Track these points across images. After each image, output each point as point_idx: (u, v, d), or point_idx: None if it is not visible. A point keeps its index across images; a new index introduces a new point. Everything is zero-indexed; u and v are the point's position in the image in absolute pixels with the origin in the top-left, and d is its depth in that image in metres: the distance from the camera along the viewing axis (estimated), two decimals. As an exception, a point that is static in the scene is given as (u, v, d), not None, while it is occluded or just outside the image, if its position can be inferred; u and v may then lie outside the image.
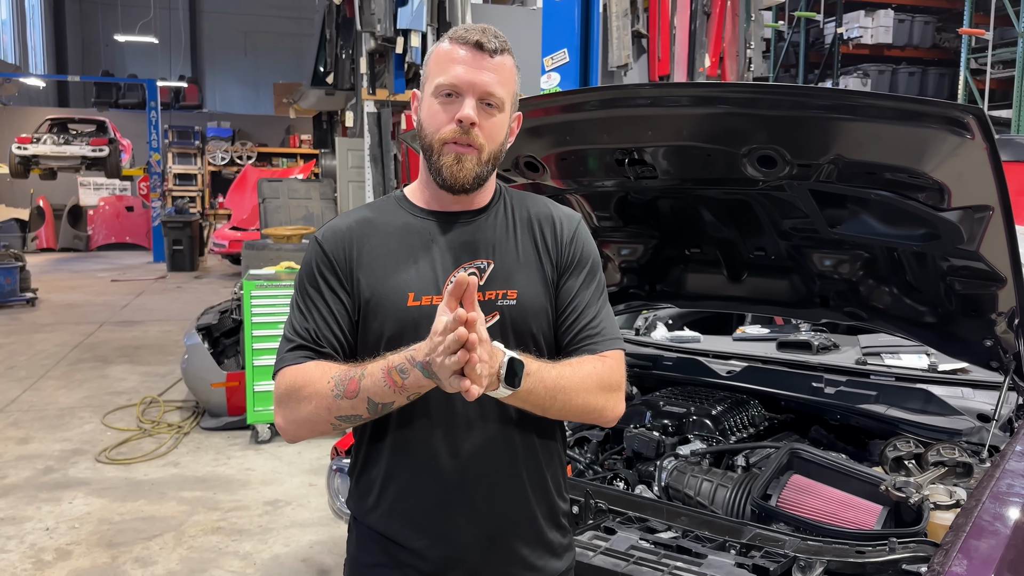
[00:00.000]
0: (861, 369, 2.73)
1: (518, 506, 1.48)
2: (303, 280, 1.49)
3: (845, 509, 1.98)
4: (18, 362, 7.67)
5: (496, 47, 1.41)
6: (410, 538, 1.45)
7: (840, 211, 2.17)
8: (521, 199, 1.57)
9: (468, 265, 1.45)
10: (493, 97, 1.40)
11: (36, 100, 22.67)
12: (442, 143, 1.41)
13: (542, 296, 1.48)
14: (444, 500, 1.44)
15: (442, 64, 1.41)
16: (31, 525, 4.12)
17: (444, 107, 1.41)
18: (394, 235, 1.48)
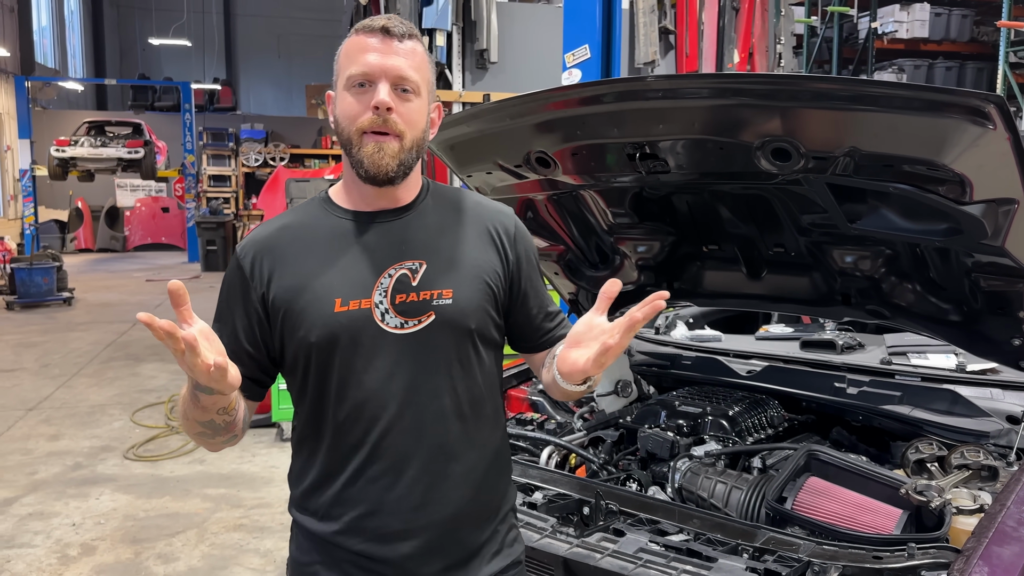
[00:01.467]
0: (886, 369, 2.65)
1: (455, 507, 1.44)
2: (220, 296, 1.47)
3: (863, 513, 1.92)
4: (53, 360, 7.82)
5: (404, 32, 1.39)
6: (351, 541, 1.42)
7: (859, 206, 2.10)
8: (449, 194, 1.56)
9: (399, 266, 1.42)
10: (407, 81, 1.37)
11: (75, 103, 23.11)
12: (360, 133, 1.37)
13: (480, 293, 1.45)
14: (377, 504, 1.41)
15: (351, 56, 1.38)
16: (58, 520, 4.18)
17: (358, 97, 1.37)
18: (318, 239, 1.44)
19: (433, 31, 7.10)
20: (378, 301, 1.36)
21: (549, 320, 1.58)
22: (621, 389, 2.76)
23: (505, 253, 1.50)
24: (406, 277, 1.40)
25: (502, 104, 2.31)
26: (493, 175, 2.58)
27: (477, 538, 1.48)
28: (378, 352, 1.39)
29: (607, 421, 2.63)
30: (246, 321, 1.43)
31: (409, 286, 1.40)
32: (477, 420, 1.47)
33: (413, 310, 1.39)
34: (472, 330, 1.44)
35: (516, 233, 1.54)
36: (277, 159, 20.23)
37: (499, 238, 1.50)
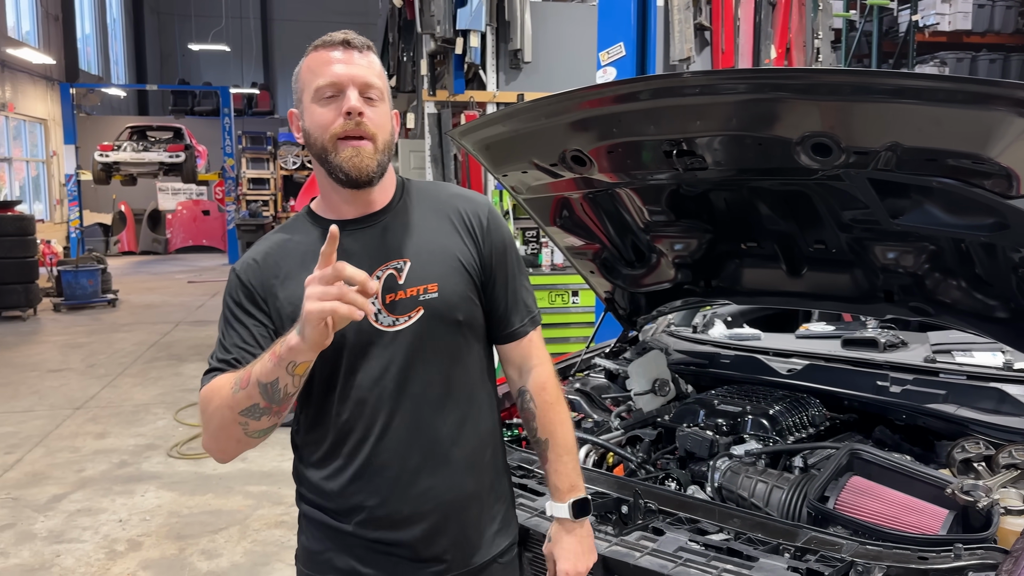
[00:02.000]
0: (930, 367, 2.60)
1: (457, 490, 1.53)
2: (223, 311, 1.51)
3: (908, 513, 1.89)
4: (98, 360, 7.99)
5: (362, 44, 1.48)
6: (362, 529, 1.49)
7: (902, 201, 2.06)
8: (425, 189, 1.62)
9: (385, 267, 1.48)
10: (372, 88, 1.45)
11: (117, 109, 23.62)
12: (335, 140, 1.43)
13: (463, 284, 1.52)
14: (385, 492, 1.48)
15: (316, 70, 1.45)
16: (105, 516, 4.28)
17: (328, 107, 1.43)
18: (308, 251, 1.47)
19: (467, 32, 7.14)
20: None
21: (516, 315, 1.62)
22: (659, 388, 2.75)
23: (478, 241, 1.57)
24: (393, 277, 1.48)
25: (537, 103, 2.31)
26: (529, 174, 2.58)
27: (480, 518, 1.58)
28: (375, 351, 1.46)
29: (645, 420, 2.62)
30: (255, 325, 1.47)
31: (397, 285, 1.48)
32: (472, 406, 1.55)
33: (403, 307, 1.47)
34: (460, 321, 1.52)
35: (489, 222, 1.59)
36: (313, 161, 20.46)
37: (472, 227, 1.57)
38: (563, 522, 1.66)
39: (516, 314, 1.63)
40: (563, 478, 1.64)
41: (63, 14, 19.44)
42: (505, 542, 1.65)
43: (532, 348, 1.66)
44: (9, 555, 3.86)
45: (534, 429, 1.66)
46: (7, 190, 16.58)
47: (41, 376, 7.39)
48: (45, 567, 3.73)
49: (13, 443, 5.51)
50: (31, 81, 17.62)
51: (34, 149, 18.52)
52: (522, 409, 1.67)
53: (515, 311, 1.62)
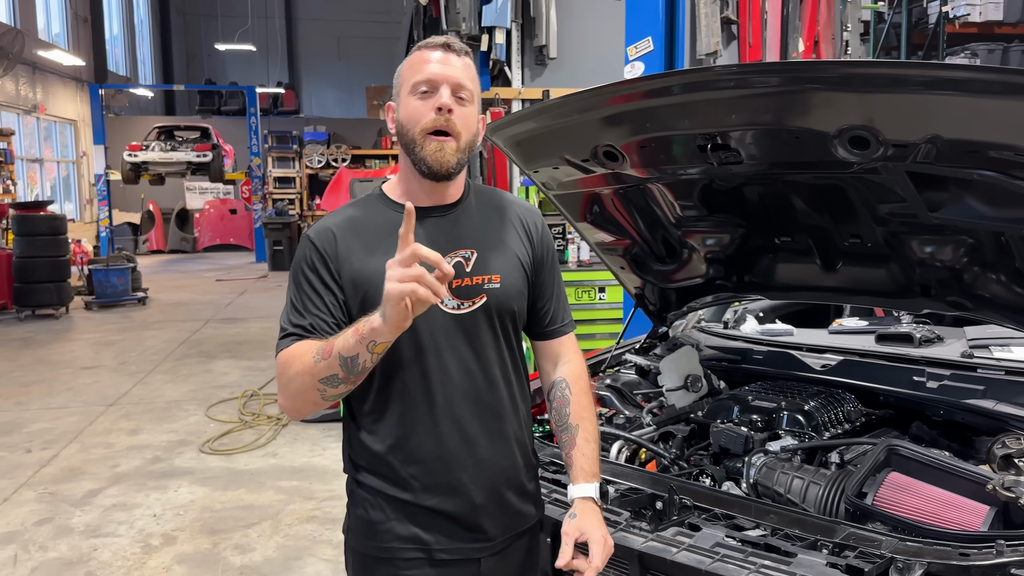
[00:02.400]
0: (967, 362, 2.57)
1: (507, 462, 1.67)
2: (297, 275, 1.61)
3: (948, 509, 1.87)
4: (129, 357, 8.10)
5: (461, 48, 1.61)
6: (423, 497, 1.60)
7: (940, 194, 2.04)
8: (488, 192, 1.77)
9: (454, 255, 1.60)
10: (464, 90, 1.58)
11: (145, 109, 23.90)
12: (424, 133, 1.55)
13: (519, 280, 1.68)
14: (447, 460, 1.60)
15: (415, 67, 1.58)
16: (140, 511, 4.34)
17: (422, 102, 1.56)
18: (381, 231, 1.59)
19: (493, 29, 7.13)
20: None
21: (560, 315, 1.80)
22: (691, 384, 2.74)
23: (533, 246, 1.73)
24: (460, 264, 1.61)
25: (569, 99, 2.31)
26: (560, 170, 2.58)
27: (526, 489, 1.73)
28: (439, 329, 1.58)
29: (677, 416, 2.61)
30: (327, 294, 1.57)
31: (464, 272, 1.60)
32: (518, 387, 1.71)
33: (467, 293, 1.60)
34: (515, 311, 1.67)
35: (543, 232, 1.77)
36: (339, 160, 20.58)
37: (529, 233, 1.73)
38: (587, 501, 1.71)
39: (560, 314, 1.80)
40: (591, 462, 1.74)
41: (92, 16, 19.70)
42: (538, 516, 1.81)
43: (571, 344, 1.83)
44: (48, 548, 3.92)
45: (566, 415, 1.77)
46: (38, 190, 16.86)
47: (75, 373, 7.50)
48: (83, 560, 3.79)
49: (49, 439, 5.60)
50: (61, 83, 17.88)
51: (64, 150, 18.80)
52: (556, 398, 1.78)
53: (560, 311, 1.80)
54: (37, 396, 6.74)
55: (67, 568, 3.73)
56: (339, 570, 3.61)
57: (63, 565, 3.76)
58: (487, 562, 1.65)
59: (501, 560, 1.68)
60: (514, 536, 1.71)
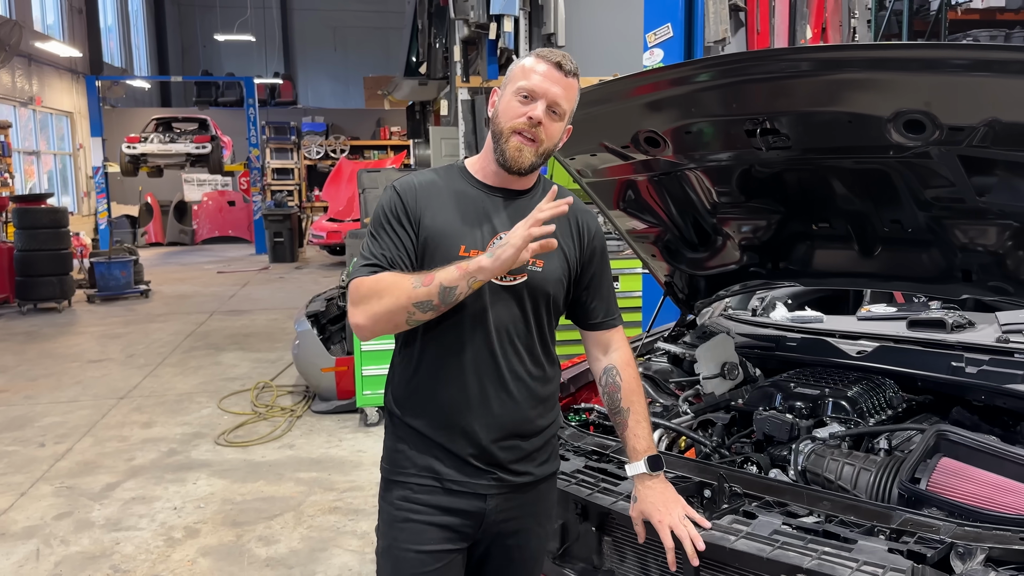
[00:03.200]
0: (1004, 347, 2.56)
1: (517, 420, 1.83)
2: (379, 217, 1.81)
3: (1003, 494, 1.86)
4: (137, 350, 8.07)
5: (571, 70, 1.75)
6: (438, 434, 1.80)
7: (989, 178, 2.03)
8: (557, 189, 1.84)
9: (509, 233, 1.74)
10: (559, 107, 1.74)
11: (141, 101, 23.75)
12: (511, 131, 1.74)
13: (559, 270, 1.84)
14: (463, 407, 1.79)
15: (526, 72, 1.75)
16: (160, 504, 4.32)
17: (519, 104, 1.73)
18: (455, 197, 1.82)
19: (501, 17, 7.10)
20: (489, 254, 1.66)
21: (611, 308, 1.98)
22: (728, 371, 2.73)
23: (583, 245, 1.89)
24: None
25: (611, 84, 2.30)
26: (597, 157, 2.57)
27: (533, 444, 1.88)
28: (482, 293, 1.75)
29: (717, 404, 2.61)
30: (405, 237, 1.78)
31: None
32: (541, 359, 1.87)
33: (513, 269, 1.71)
34: (549, 294, 1.83)
35: (596, 232, 1.93)
36: (338, 151, 20.52)
37: (583, 232, 1.90)
38: (641, 478, 1.88)
39: (610, 307, 1.98)
40: (642, 441, 1.91)
41: (86, 6, 19.55)
42: (551, 470, 1.96)
43: (619, 335, 1.99)
44: (70, 543, 3.91)
45: (618, 400, 1.94)
46: (35, 183, 16.76)
47: (82, 366, 7.47)
48: (106, 554, 3.78)
49: (62, 433, 5.58)
50: (57, 74, 17.76)
51: (60, 142, 18.68)
52: (607, 384, 1.96)
53: (610, 305, 1.98)
54: (46, 390, 6.71)
55: (91, 562, 3.71)
56: (366, 561, 3.60)
57: (86, 559, 3.74)
58: (493, 499, 1.83)
59: (506, 501, 1.85)
60: (520, 486, 1.87)
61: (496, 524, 1.86)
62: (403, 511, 1.83)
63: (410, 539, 1.81)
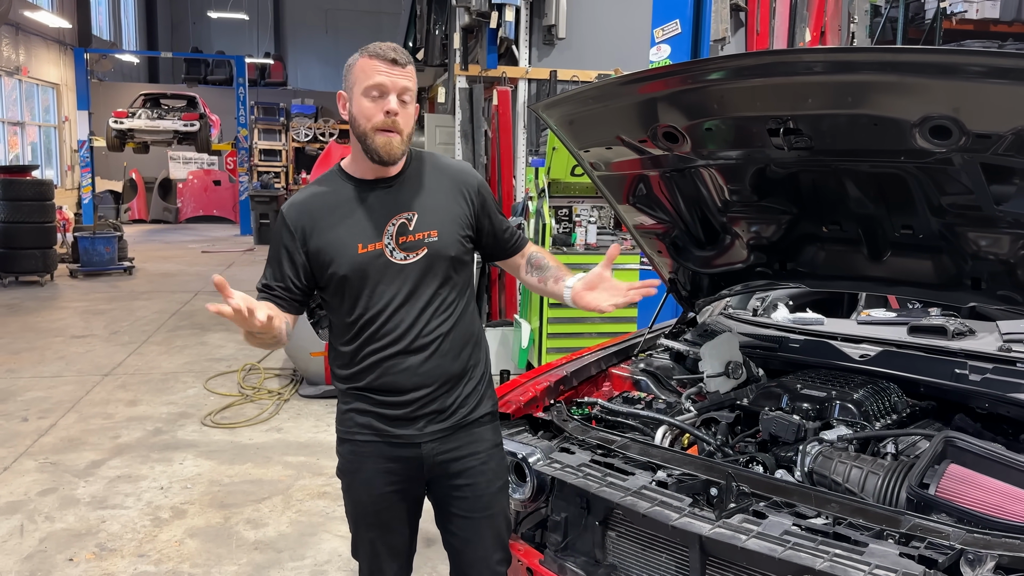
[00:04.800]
0: (1007, 356, 2.57)
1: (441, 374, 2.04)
2: (272, 243, 2.05)
3: (1012, 502, 1.87)
4: (121, 328, 7.98)
5: (405, 60, 1.94)
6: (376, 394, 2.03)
7: (1009, 187, 2.02)
8: (427, 160, 2.12)
9: (398, 217, 2.00)
10: (407, 92, 1.94)
11: (128, 76, 23.42)
12: (375, 130, 1.92)
13: (455, 231, 2.05)
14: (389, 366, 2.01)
15: (368, 72, 1.92)
16: (146, 484, 4.28)
17: (373, 103, 1.92)
18: (340, 201, 2.01)
19: (502, 6, 7.05)
20: (387, 243, 1.98)
21: (510, 236, 2.23)
22: (732, 370, 2.73)
23: (470, 199, 2.09)
24: (404, 225, 2.00)
25: (632, 78, 2.27)
26: (613, 150, 2.55)
27: (463, 391, 2.10)
28: (390, 276, 1.98)
29: (721, 402, 2.60)
30: (292, 261, 2.00)
31: (407, 230, 2.00)
32: (458, 315, 2.07)
33: (411, 246, 2.00)
34: (452, 257, 2.03)
35: (478, 186, 2.13)
36: (327, 135, 20.36)
37: (465, 190, 2.09)
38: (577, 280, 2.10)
39: (511, 240, 2.22)
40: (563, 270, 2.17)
41: (77, -23, 19.24)
42: (483, 411, 2.15)
43: (527, 246, 2.27)
44: (55, 519, 3.86)
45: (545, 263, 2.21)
46: (18, 153, 16.50)
47: (66, 342, 7.37)
48: (92, 532, 3.73)
49: (45, 408, 5.50)
50: (44, 45, 17.47)
51: (45, 114, 18.39)
52: (531, 269, 2.22)
53: (510, 239, 2.22)
54: (29, 364, 6.61)
55: (76, 539, 3.66)
56: (355, 547, 3.58)
57: (72, 536, 3.69)
58: (427, 445, 2.05)
59: (441, 444, 2.07)
60: (451, 430, 2.08)
61: (438, 466, 2.08)
62: (353, 463, 2.10)
63: (361, 486, 2.10)
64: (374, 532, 2.14)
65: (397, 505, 2.12)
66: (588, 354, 3.05)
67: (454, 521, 2.15)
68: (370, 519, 2.13)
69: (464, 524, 2.14)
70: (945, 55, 1.72)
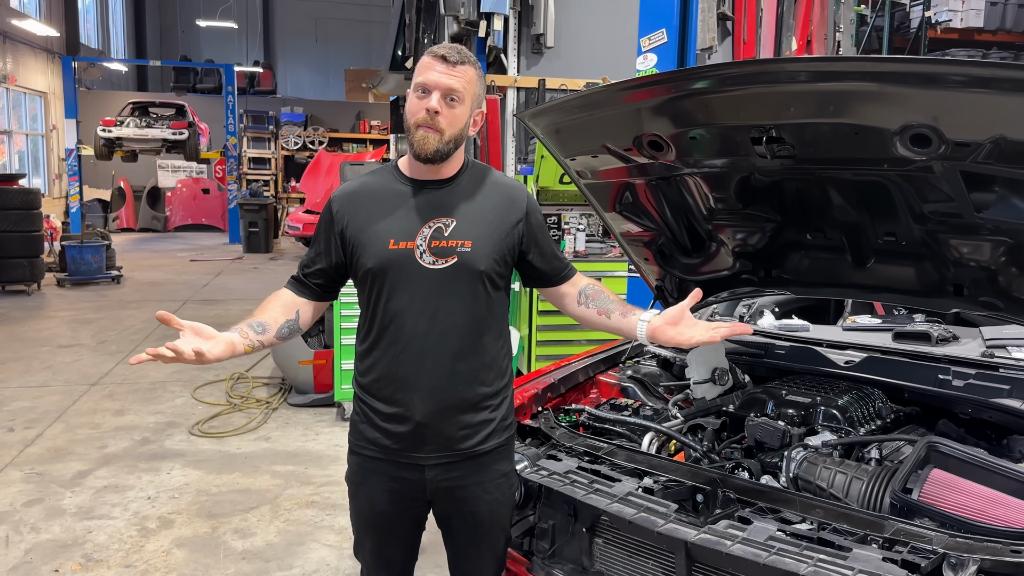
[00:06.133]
0: (989, 362, 2.60)
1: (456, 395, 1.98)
2: (317, 227, 2.08)
3: (993, 506, 1.89)
4: (109, 336, 7.94)
5: (458, 59, 1.91)
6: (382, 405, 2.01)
7: (989, 195, 2.05)
8: (483, 171, 2.09)
9: (436, 221, 1.97)
10: (455, 93, 1.91)
11: (117, 84, 23.36)
12: (416, 126, 1.92)
13: (492, 246, 1.98)
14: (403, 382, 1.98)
15: (421, 70, 1.93)
16: (133, 494, 4.25)
17: (418, 100, 1.93)
18: (385, 196, 2.02)
19: (491, 15, 7.08)
20: (419, 244, 1.95)
21: (560, 264, 2.16)
22: (718, 377, 2.74)
23: (518, 219, 2.03)
24: (440, 229, 1.97)
25: (616, 87, 2.30)
26: (599, 159, 2.57)
27: (474, 419, 2.02)
28: (415, 279, 1.95)
29: (707, 409, 2.62)
30: (331, 246, 2.04)
31: (442, 235, 1.96)
32: (480, 335, 2.00)
33: (442, 253, 1.95)
34: (481, 272, 1.97)
35: (528, 202, 2.07)
36: (316, 143, 20.33)
37: (515, 209, 2.04)
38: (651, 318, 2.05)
39: (560, 268, 2.16)
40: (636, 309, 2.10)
41: (65, -14, 19.18)
42: (499, 441, 2.08)
43: (576, 276, 2.19)
44: (40, 530, 3.83)
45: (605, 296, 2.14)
46: (5, 162, 16.41)
47: (53, 351, 7.33)
48: (78, 543, 3.70)
49: (31, 418, 5.47)
50: (32, 53, 17.40)
51: (32, 122, 18.31)
52: (585, 300, 2.14)
53: (559, 267, 2.16)
54: (15, 374, 6.57)
55: (63, 550, 3.64)
56: (343, 556, 3.57)
57: (58, 547, 3.66)
58: (431, 471, 2.01)
59: (447, 470, 2.02)
60: (460, 456, 2.02)
61: (443, 491, 2.04)
62: (359, 475, 2.10)
63: (364, 499, 2.10)
64: (374, 542, 2.15)
65: (397, 522, 2.11)
66: (575, 361, 3.06)
67: (454, 540, 2.15)
68: (370, 531, 2.14)
69: (463, 545, 2.14)
70: (924, 65, 1.75)
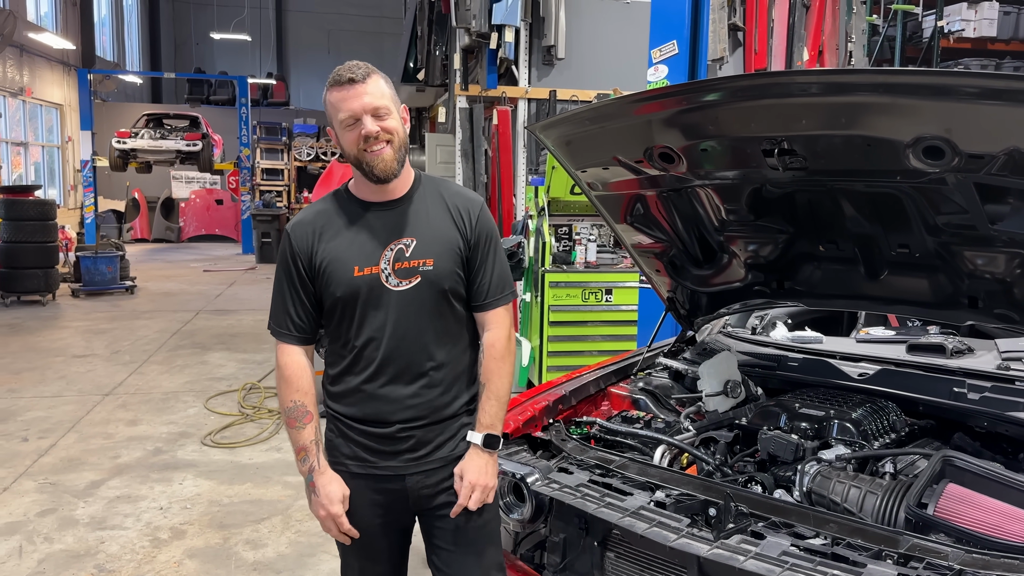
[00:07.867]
0: (1005, 374, 2.57)
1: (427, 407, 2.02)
2: (280, 265, 2.05)
3: (1010, 521, 1.86)
4: (122, 347, 7.99)
5: (364, 74, 1.91)
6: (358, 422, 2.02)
7: (1003, 206, 2.04)
8: (433, 184, 2.10)
9: (396, 242, 1.99)
10: (381, 108, 1.91)
11: (132, 96, 23.59)
12: (362, 152, 1.92)
13: (452, 262, 2.01)
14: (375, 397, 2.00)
15: (336, 105, 1.92)
16: (145, 504, 4.26)
17: (352, 131, 1.92)
18: (342, 222, 2.01)
19: (502, 27, 7.11)
20: (383, 267, 1.97)
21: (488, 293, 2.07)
22: (731, 389, 2.73)
23: (467, 232, 2.03)
24: (402, 250, 1.98)
25: (628, 99, 2.29)
26: (609, 170, 2.57)
27: (451, 427, 2.07)
28: (383, 302, 1.97)
29: (720, 422, 2.60)
30: (299, 280, 2.01)
31: (404, 256, 1.98)
32: (449, 349, 2.04)
33: (406, 273, 1.98)
34: (446, 289, 2.00)
35: (478, 217, 2.06)
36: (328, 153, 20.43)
37: (464, 221, 2.04)
38: (475, 448, 2.05)
39: (488, 292, 2.08)
40: (486, 415, 2.06)
41: (81, -1, 19.41)
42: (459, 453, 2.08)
43: (494, 316, 2.10)
44: (53, 540, 3.84)
45: (478, 375, 2.12)
46: (21, 173, 16.57)
47: (67, 361, 7.38)
48: (90, 553, 3.72)
49: (45, 428, 5.50)
50: (48, 66, 17.60)
51: (48, 134, 18.50)
52: (481, 360, 2.13)
53: (490, 288, 2.08)
54: (30, 384, 6.62)
55: (75, 560, 3.65)
56: (355, 568, 3.56)
57: (71, 557, 3.68)
58: (412, 478, 2.04)
59: (426, 478, 2.05)
60: (440, 463, 2.06)
61: (423, 499, 2.07)
62: None
63: (350, 516, 2.06)
64: (361, 562, 2.14)
65: (383, 537, 2.12)
66: (587, 373, 3.05)
67: (438, 554, 2.12)
68: (357, 550, 2.12)
69: (447, 556, 2.11)
70: (936, 77, 1.74)
